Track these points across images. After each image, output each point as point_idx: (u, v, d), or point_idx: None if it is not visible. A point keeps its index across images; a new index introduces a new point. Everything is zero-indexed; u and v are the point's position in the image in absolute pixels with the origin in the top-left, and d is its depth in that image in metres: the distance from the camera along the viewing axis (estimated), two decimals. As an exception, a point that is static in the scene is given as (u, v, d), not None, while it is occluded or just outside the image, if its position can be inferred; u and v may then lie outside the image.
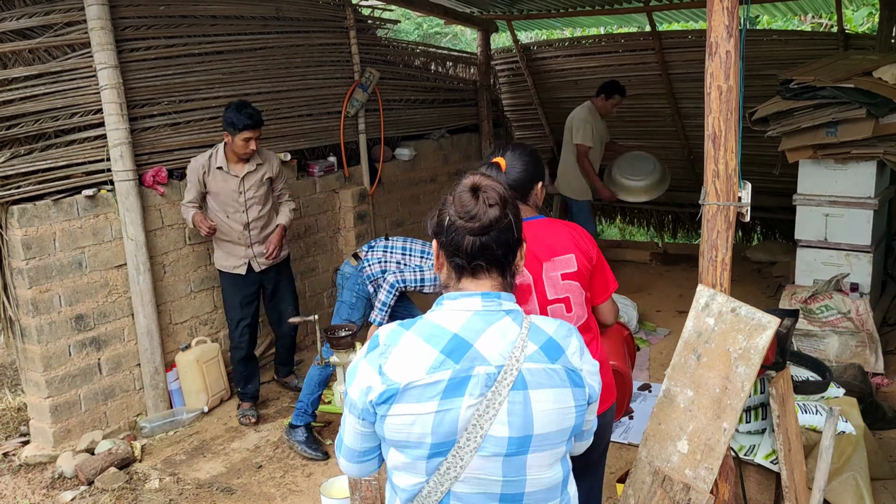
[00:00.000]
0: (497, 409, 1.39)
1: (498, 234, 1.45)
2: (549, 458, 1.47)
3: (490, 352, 1.42)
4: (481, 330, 1.43)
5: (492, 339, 1.43)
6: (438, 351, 1.41)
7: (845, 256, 4.74)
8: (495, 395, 1.39)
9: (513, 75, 8.25)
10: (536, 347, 1.45)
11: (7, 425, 4.54)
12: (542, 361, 1.44)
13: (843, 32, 6.24)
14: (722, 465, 2.44)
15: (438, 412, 1.39)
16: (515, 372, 1.40)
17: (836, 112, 4.45)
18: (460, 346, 1.42)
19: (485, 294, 1.46)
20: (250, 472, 3.93)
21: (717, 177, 2.49)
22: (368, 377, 1.44)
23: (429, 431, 1.40)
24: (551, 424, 1.44)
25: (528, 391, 1.42)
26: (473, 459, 1.41)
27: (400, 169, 6.42)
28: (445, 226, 1.48)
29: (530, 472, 1.45)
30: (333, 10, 5.65)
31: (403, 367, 1.41)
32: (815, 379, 3.50)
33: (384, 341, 1.47)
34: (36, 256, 3.89)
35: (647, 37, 7.08)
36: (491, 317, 1.45)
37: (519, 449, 1.43)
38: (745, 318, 2.44)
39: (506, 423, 1.41)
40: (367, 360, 1.47)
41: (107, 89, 4.07)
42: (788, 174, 5.10)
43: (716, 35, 2.40)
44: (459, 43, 12.94)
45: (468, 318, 1.45)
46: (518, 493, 1.46)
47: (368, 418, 1.47)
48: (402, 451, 1.45)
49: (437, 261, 1.53)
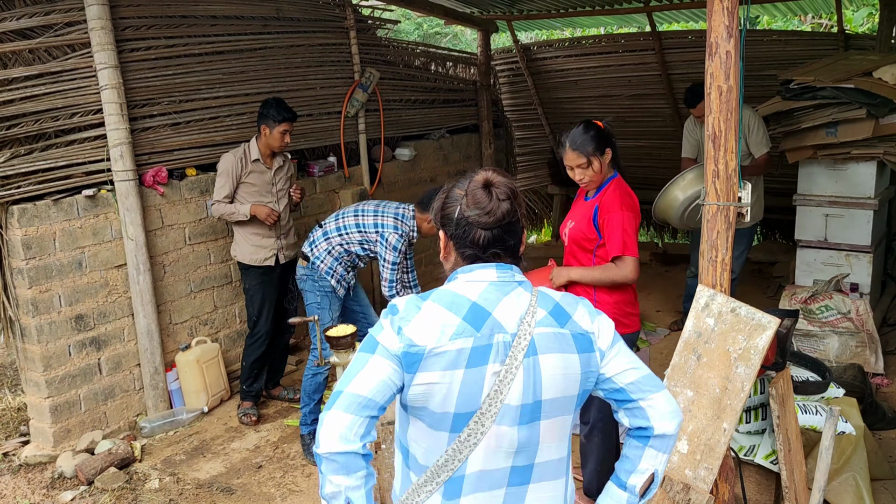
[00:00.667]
0: (514, 374, 1.44)
1: (509, 225, 1.52)
2: (558, 428, 1.52)
3: (506, 319, 1.48)
4: (497, 299, 1.49)
5: (508, 307, 1.49)
6: (461, 318, 1.45)
7: (845, 257, 4.74)
8: (512, 361, 1.45)
9: (513, 75, 8.26)
10: (545, 313, 1.51)
11: (7, 425, 4.54)
12: (552, 326, 1.50)
13: (843, 33, 6.24)
14: (722, 466, 2.44)
15: (465, 381, 1.43)
16: (528, 337, 1.46)
17: (836, 112, 4.46)
18: (480, 314, 1.47)
19: (499, 265, 1.53)
20: (250, 472, 3.93)
21: (717, 177, 2.49)
22: (389, 336, 1.46)
23: (454, 400, 1.43)
24: (558, 390, 1.49)
25: (538, 356, 1.47)
26: (494, 429, 1.45)
27: (400, 169, 6.42)
28: (455, 219, 1.53)
29: (542, 440, 1.50)
30: (333, 10, 5.65)
31: (426, 331, 1.45)
32: (815, 379, 3.50)
33: (403, 308, 1.49)
34: (36, 256, 3.89)
35: (647, 37, 7.08)
36: (506, 286, 1.51)
37: (532, 416, 1.47)
38: (744, 318, 2.44)
39: (520, 391, 1.46)
40: (388, 324, 1.48)
41: (107, 89, 4.07)
42: (788, 174, 5.10)
43: (716, 35, 2.40)
44: (459, 43, 12.95)
45: (485, 288, 1.51)
46: (528, 465, 1.50)
47: (395, 363, 1.44)
48: (422, 419, 1.47)
49: (445, 250, 1.59)
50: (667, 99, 7.30)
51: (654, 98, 7.39)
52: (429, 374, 1.43)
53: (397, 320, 1.47)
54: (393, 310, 1.51)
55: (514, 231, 1.54)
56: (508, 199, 1.51)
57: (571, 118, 8.20)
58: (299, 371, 5.06)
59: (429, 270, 6.74)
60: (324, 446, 1.41)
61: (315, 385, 3.99)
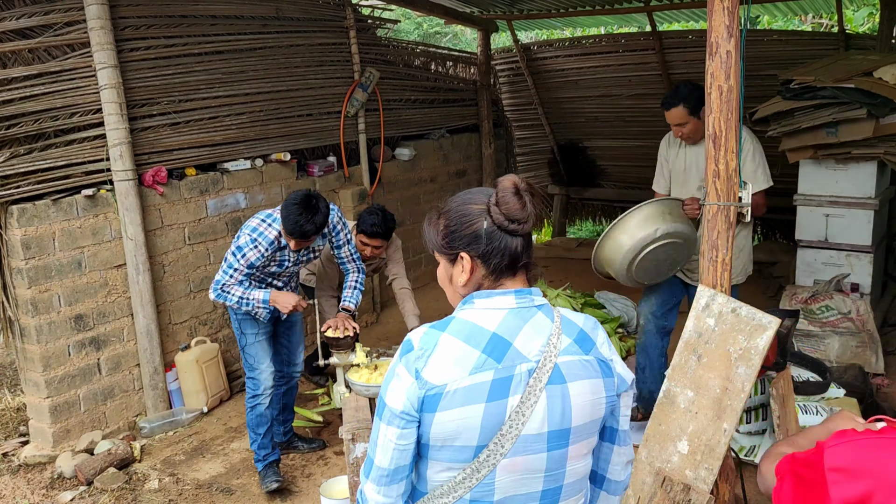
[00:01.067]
0: (538, 395, 1.41)
1: (531, 228, 1.50)
2: (585, 449, 1.50)
3: (529, 348, 1.43)
4: (518, 327, 1.44)
5: (529, 335, 1.44)
6: (480, 351, 1.41)
7: (846, 257, 4.74)
8: (536, 383, 1.42)
9: (513, 75, 8.25)
10: (570, 340, 1.48)
11: (6, 425, 4.54)
12: (577, 353, 1.47)
13: (844, 32, 6.24)
14: (722, 466, 2.43)
15: (486, 415, 1.39)
16: (551, 365, 1.43)
17: (837, 112, 4.45)
18: (500, 345, 1.42)
19: (518, 291, 1.48)
20: (250, 472, 3.93)
21: (717, 177, 2.48)
22: (405, 383, 1.41)
23: (477, 434, 1.40)
24: (587, 415, 1.47)
25: (567, 384, 1.44)
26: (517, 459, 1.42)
27: (400, 169, 6.41)
28: (486, 234, 1.46)
29: (569, 463, 1.48)
30: (333, 9, 5.65)
31: (445, 369, 1.40)
32: (815, 379, 3.50)
33: (419, 345, 1.43)
34: (35, 256, 3.89)
35: (648, 37, 7.08)
36: (525, 313, 1.47)
37: (560, 441, 1.45)
38: (745, 318, 2.44)
39: (545, 419, 1.42)
40: (403, 364, 1.43)
41: (106, 89, 4.07)
42: (789, 174, 5.10)
43: (716, 35, 2.40)
44: (459, 43, 12.94)
45: (504, 317, 1.45)
46: (557, 487, 1.48)
47: (410, 425, 1.41)
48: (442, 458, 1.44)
49: (470, 274, 1.49)
50: (667, 99, 7.29)
51: (654, 98, 7.37)
52: (450, 413, 1.39)
53: (413, 361, 1.42)
54: (408, 346, 1.44)
55: (531, 237, 1.53)
56: (531, 201, 1.49)
57: (571, 118, 8.21)
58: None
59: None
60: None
61: (257, 419, 3.68)
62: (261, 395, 3.65)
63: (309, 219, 3.28)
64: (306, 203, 3.29)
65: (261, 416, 3.67)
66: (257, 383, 3.64)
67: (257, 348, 3.61)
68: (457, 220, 1.49)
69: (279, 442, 4.04)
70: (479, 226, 1.47)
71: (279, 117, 5.22)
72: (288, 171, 5.26)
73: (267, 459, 3.71)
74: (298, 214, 3.27)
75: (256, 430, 3.69)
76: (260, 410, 3.67)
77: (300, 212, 3.27)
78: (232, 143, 4.90)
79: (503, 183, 1.48)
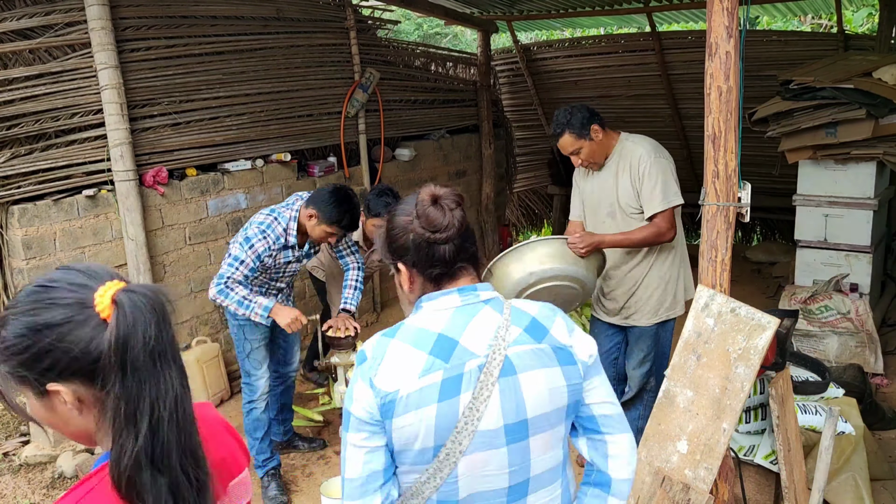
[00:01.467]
0: (490, 389, 1.41)
1: (466, 232, 1.51)
2: (549, 440, 1.49)
3: (476, 344, 1.44)
4: (464, 325, 1.46)
5: (475, 331, 1.45)
6: (427, 353, 1.42)
7: (845, 257, 4.75)
8: (487, 377, 1.42)
9: (513, 76, 8.26)
10: (521, 330, 1.47)
11: (7, 425, 4.55)
12: (529, 343, 1.47)
13: (843, 33, 6.25)
14: (721, 466, 2.44)
15: (439, 415, 1.40)
16: (501, 357, 1.43)
17: (836, 113, 4.46)
18: (447, 345, 1.44)
19: (461, 289, 1.50)
20: (250, 471, 3.93)
21: (716, 177, 2.49)
22: (363, 393, 1.44)
23: (432, 434, 1.41)
24: (545, 405, 1.46)
25: (518, 375, 1.44)
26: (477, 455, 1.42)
27: (400, 169, 6.42)
28: (413, 245, 1.49)
29: (533, 455, 1.47)
30: (334, 10, 5.66)
31: (394, 375, 1.42)
32: (814, 379, 3.51)
33: (371, 354, 1.47)
34: (36, 256, 3.89)
35: (647, 37, 7.09)
36: (471, 310, 1.48)
37: (518, 434, 1.44)
38: (744, 318, 2.44)
39: (500, 413, 1.42)
40: (359, 375, 1.46)
41: (107, 89, 4.07)
42: (788, 174, 5.11)
43: (716, 36, 2.41)
44: (459, 43, 12.95)
45: (450, 316, 1.47)
46: (524, 481, 1.48)
47: (375, 429, 1.43)
48: (405, 461, 1.45)
49: (410, 282, 1.53)
50: (667, 99, 7.30)
51: (654, 98, 7.40)
52: (405, 418, 1.40)
53: (367, 371, 1.44)
54: (361, 357, 1.48)
55: (471, 237, 1.54)
56: (458, 207, 1.50)
57: (571, 118, 8.20)
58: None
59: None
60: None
61: (254, 423, 3.65)
62: (256, 401, 3.64)
63: (355, 206, 3.37)
64: (344, 193, 3.36)
65: (257, 421, 3.66)
66: (253, 389, 3.64)
67: (258, 354, 3.60)
68: (389, 233, 1.54)
69: (279, 441, 4.04)
70: (406, 238, 1.50)
71: (280, 118, 5.22)
72: (288, 172, 5.27)
73: (266, 466, 3.70)
74: (351, 204, 3.34)
75: (254, 435, 3.67)
76: (256, 415, 3.66)
77: (347, 201, 3.33)
78: (232, 144, 4.91)
79: (421, 195, 1.51)
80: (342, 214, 3.31)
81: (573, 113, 3.23)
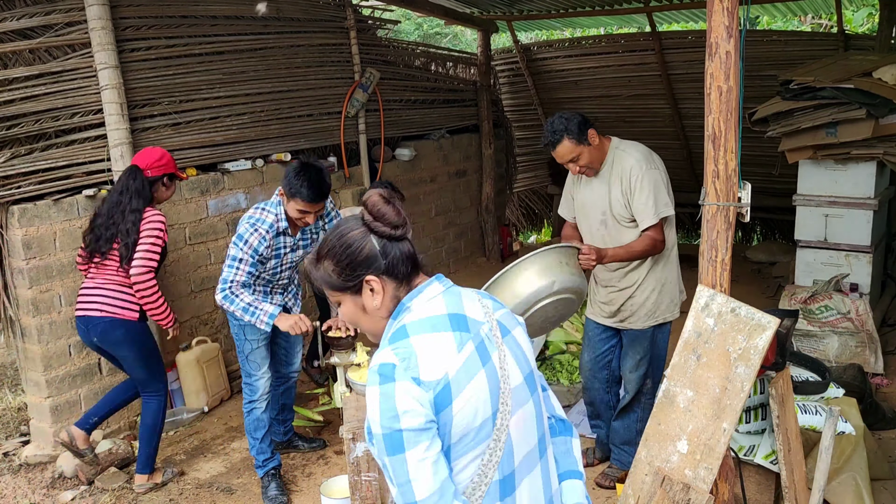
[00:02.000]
0: (503, 349, 1.52)
1: (410, 229, 1.59)
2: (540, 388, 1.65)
3: (476, 314, 1.53)
4: (459, 302, 1.53)
5: (469, 305, 1.54)
6: (451, 331, 1.47)
7: (845, 257, 4.75)
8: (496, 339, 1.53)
9: (513, 76, 8.26)
10: (490, 300, 1.62)
11: (7, 425, 4.55)
12: (500, 308, 1.61)
13: (843, 33, 6.25)
14: (721, 466, 2.44)
15: (489, 378, 1.46)
16: (495, 322, 1.54)
17: (836, 112, 4.46)
18: (460, 319, 1.49)
19: (437, 277, 1.58)
20: (250, 471, 3.93)
21: (716, 177, 2.49)
22: (411, 395, 1.38)
23: (488, 401, 1.44)
24: (531, 357, 1.62)
25: (512, 333, 1.57)
26: (518, 415, 1.50)
27: (400, 169, 6.42)
28: (379, 250, 1.50)
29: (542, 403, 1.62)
30: (334, 10, 5.66)
31: (436, 362, 1.41)
32: (814, 379, 3.51)
33: (399, 359, 1.41)
34: (36, 256, 3.90)
35: (647, 37, 7.09)
36: (454, 290, 1.57)
37: (532, 384, 1.58)
38: (744, 318, 2.44)
39: (518, 368, 1.54)
40: (397, 384, 1.39)
41: (107, 89, 4.08)
42: (788, 174, 5.11)
43: (716, 35, 2.41)
44: (459, 43, 12.95)
45: (444, 299, 1.52)
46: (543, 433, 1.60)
47: (429, 433, 1.39)
48: (466, 447, 1.43)
49: (383, 294, 1.51)
50: (667, 99, 7.30)
51: (654, 98, 7.40)
52: (462, 396, 1.40)
53: (404, 373, 1.39)
54: (386, 369, 1.41)
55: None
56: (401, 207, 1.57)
57: (571, 118, 8.20)
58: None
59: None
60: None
61: (254, 423, 3.64)
62: (256, 401, 3.64)
63: (318, 174, 3.34)
64: (307, 165, 3.36)
65: (258, 421, 3.66)
66: (254, 389, 3.64)
67: (258, 354, 3.60)
68: (344, 252, 1.51)
69: (280, 441, 4.05)
70: (369, 247, 1.50)
71: (280, 118, 5.23)
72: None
73: (266, 466, 3.70)
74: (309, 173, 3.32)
75: (254, 435, 3.67)
76: (256, 415, 3.66)
77: (308, 171, 3.32)
78: (233, 144, 4.91)
79: (371, 199, 1.54)
80: (301, 184, 3.30)
81: (570, 119, 3.19)
